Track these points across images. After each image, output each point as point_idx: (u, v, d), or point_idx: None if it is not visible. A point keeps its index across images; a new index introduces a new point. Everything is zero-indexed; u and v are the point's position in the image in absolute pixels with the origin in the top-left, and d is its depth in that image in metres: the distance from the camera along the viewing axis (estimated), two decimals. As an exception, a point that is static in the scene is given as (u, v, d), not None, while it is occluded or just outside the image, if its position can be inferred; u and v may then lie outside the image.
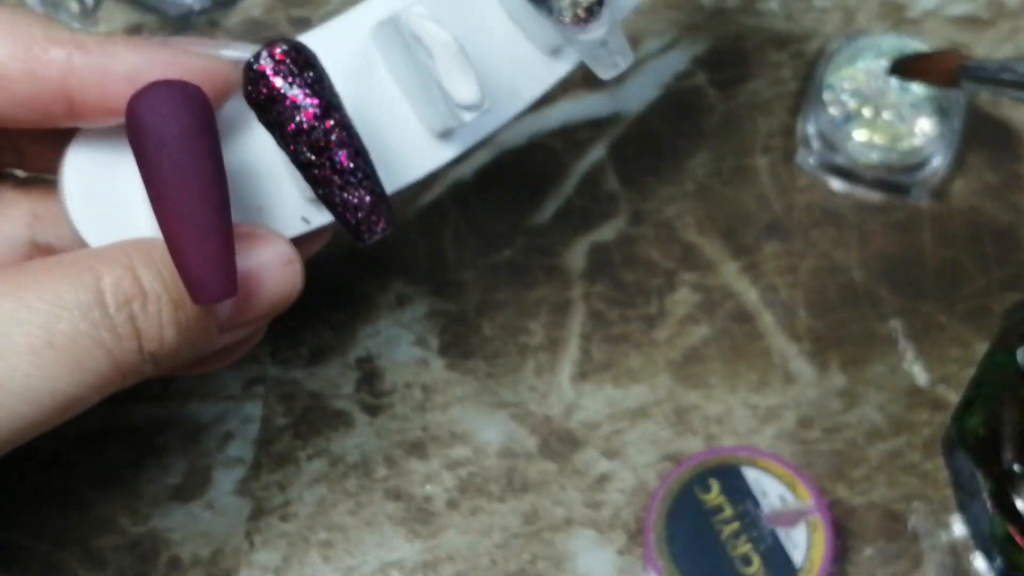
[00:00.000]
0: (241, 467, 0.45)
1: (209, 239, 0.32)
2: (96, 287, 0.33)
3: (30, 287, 0.32)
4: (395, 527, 0.45)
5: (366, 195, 0.34)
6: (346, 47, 0.38)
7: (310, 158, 0.34)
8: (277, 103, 0.34)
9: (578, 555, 0.44)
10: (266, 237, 0.36)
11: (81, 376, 0.32)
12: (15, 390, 0.31)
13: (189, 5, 0.51)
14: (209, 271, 0.32)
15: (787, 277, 0.48)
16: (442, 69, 0.35)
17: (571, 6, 0.35)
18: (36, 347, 0.32)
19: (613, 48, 0.37)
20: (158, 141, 0.32)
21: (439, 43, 0.35)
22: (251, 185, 0.36)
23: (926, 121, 0.49)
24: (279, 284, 0.36)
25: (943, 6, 0.52)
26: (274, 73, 0.33)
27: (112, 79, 0.33)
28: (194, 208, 0.32)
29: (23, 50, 0.33)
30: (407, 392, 0.47)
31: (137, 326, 0.33)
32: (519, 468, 0.46)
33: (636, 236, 0.49)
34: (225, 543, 0.45)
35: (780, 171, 0.50)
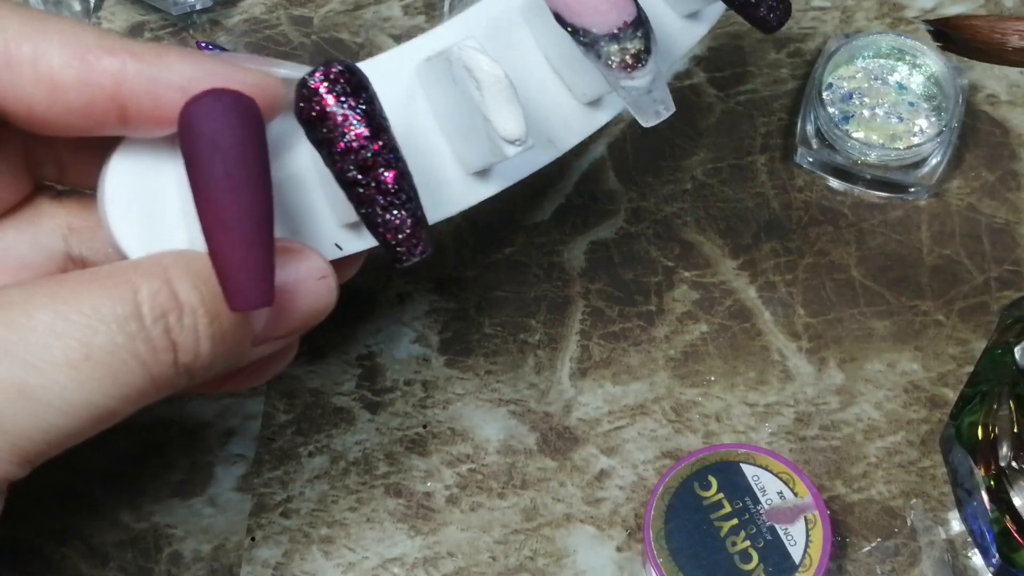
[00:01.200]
0: (243, 463, 0.46)
1: (253, 247, 0.32)
2: (133, 300, 0.33)
3: (68, 299, 0.32)
4: (396, 523, 0.45)
5: (408, 217, 0.35)
6: (390, 82, 0.38)
7: (357, 177, 0.34)
8: (328, 121, 0.34)
9: (577, 551, 0.44)
10: (302, 252, 0.36)
11: (117, 389, 0.32)
12: (52, 403, 0.32)
13: (191, 4, 0.52)
14: (249, 278, 0.32)
15: (785, 275, 0.48)
16: (490, 102, 0.36)
17: (619, 52, 0.35)
18: (74, 360, 0.32)
19: (656, 96, 0.37)
20: (212, 146, 0.32)
21: (490, 76, 0.35)
22: (287, 208, 0.37)
23: (924, 120, 0.49)
24: (313, 298, 0.36)
25: (941, 5, 0.52)
26: (328, 91, 0.34)
27: (165, 88, 0.34)
28: (242, 215, 0.32)
29: (78, 58, 0.33)
30: (408, 389, 0.47)
31: (173, 338, 0.33)
32: (519, 465, 0.46)
33: (635, 234, 0.49)
34: (227, 539, 0.45)
35: (779, 170, 0.50)
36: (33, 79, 0.33)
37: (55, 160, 0.38)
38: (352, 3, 0.53)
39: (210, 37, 0.52)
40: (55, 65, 0.33)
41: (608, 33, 0.35)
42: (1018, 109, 0.51)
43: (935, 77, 0.49)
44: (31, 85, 0.33)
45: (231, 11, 0.53)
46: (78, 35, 0.34)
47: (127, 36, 0.35)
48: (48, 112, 0.34)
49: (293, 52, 0.52)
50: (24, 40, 0.33)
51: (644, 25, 0.36)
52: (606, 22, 0.35)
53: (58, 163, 0.38)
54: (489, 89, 0.36)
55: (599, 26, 0.35)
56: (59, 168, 0.39)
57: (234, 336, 0.34)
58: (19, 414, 0.31)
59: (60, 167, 0.39)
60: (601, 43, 0.35)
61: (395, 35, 0.52)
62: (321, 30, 0.52)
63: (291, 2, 0.53)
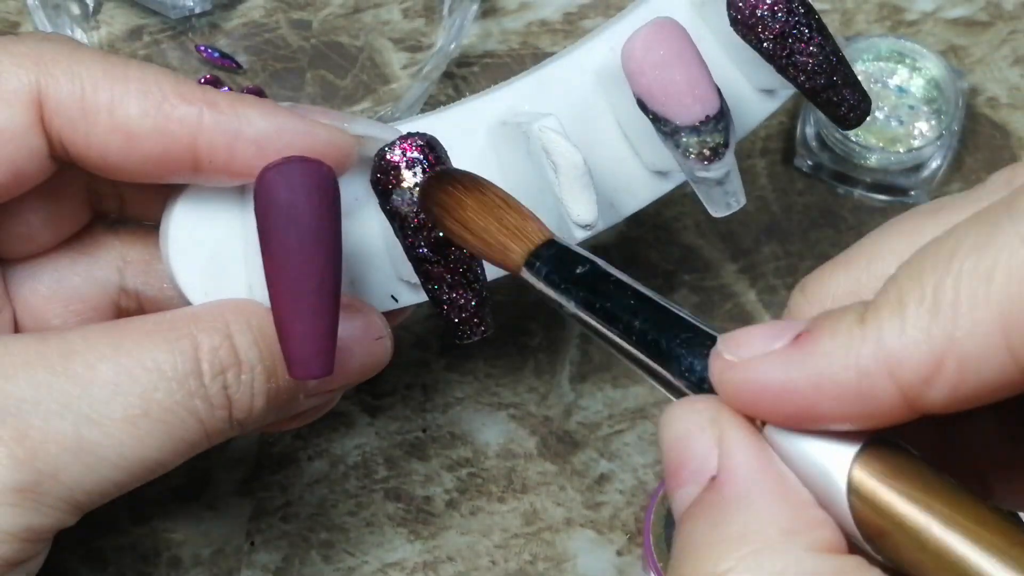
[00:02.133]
0: (242, 467, 0.46)
1: (319, 320, 0.32)
2: (194, 356, 0.33)
3: (131, 352, 0.33)
4: (395, 527, 0.45)
5: (473, 298, 0.35)
6: (462, 137, 0.38)
7: (427, 254, 0.35)
8: (401, 194, 0.34)
9: (578, 555, 0.44)
10: (363, 311, 0.36)
11: (172, 444, 0.33)
12: (108, 458, 0.32)
13: (190, 8, 0.52)
14: (311, 351, 0.32)
15: (786, 278, 0.48)
16: (566, 186, 0.36)
17: (698, 144, 0.35)
18: (132, 416, 0.32)
19: (728, 189, 0.37)
20: (288, 219, 0.32)
21: (569, 163, 0.35)
22: (348, 257, 0.36)
23: (924, 123, 0.49)
24: (369, 357, 0.36)
25: (941, 8, 0.52)
26: (407, 166, 0.34)
27: (242, 143, 0.33)
28: (310, 289, 0.32)
29: (154, 107, 0.33)
30: (407, 393, 0.47)
31: (230, 395, 0.34)
32: (519, 469, 0.46)
33: (635, 238, 0.49)
34: (226, 543, 0.45)
35: (779, 173, 0.50)
36: (109, 128, 0.33)
37: (116, 196, 0.38)
38: (351, 6, 0.53)
39: (209, 41, 0.52)
40: (132, 114, 0.33)
41: (690, 125, 0.35)
42: (1018, 112, 0.51)
43: (935, 80, 0.49)
44: (107, 134, 0.33)
45: (230, 14, 0.53)
46: (157, 83, 0.33)
47: (203, 87, 0.34)
48: (123, 161, 0.34)
49: (292, 56, 0.52)
50: (101, 88, 0.33)
51: (725, 118, 0.35)
52: (690, 114, 0.35)
53: (120, 198, 0.38)
54: (567, 175, 0.35)
55: (682, 118, 0.35)
56: (120, 202, 0.38)
57: (288, 393, 0.35)
58: (77, 468, 0.32)
59: (121, 201, 0.38)
60: (682, 134, 0.35)
61: (394, 38, 0.52)
62: (320, 33, 0.52)
63: (290, 5, 0.53)
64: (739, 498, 0.24)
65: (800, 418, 0.24)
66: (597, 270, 0.30)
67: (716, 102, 0.35)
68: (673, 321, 0.27)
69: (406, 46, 0.52)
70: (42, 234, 0.37)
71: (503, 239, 0.31)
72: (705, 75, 0.35)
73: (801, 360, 0.24)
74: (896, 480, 0.24)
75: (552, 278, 0.30)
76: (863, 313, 0.24)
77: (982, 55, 0.51)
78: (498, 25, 0.53)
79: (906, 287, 0.23)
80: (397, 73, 0.52)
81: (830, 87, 0.37)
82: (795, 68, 0.37)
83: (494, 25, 0.52)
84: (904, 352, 0.23)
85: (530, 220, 0.31)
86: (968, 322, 0.22)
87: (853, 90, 0.37)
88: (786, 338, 0.25)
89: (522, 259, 0.30)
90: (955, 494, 0.24)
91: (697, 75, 0.35)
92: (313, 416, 0.39)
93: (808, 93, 0.37)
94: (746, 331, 0.25)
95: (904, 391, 0.23)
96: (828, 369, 0.24)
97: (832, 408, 0.24)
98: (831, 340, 0.24)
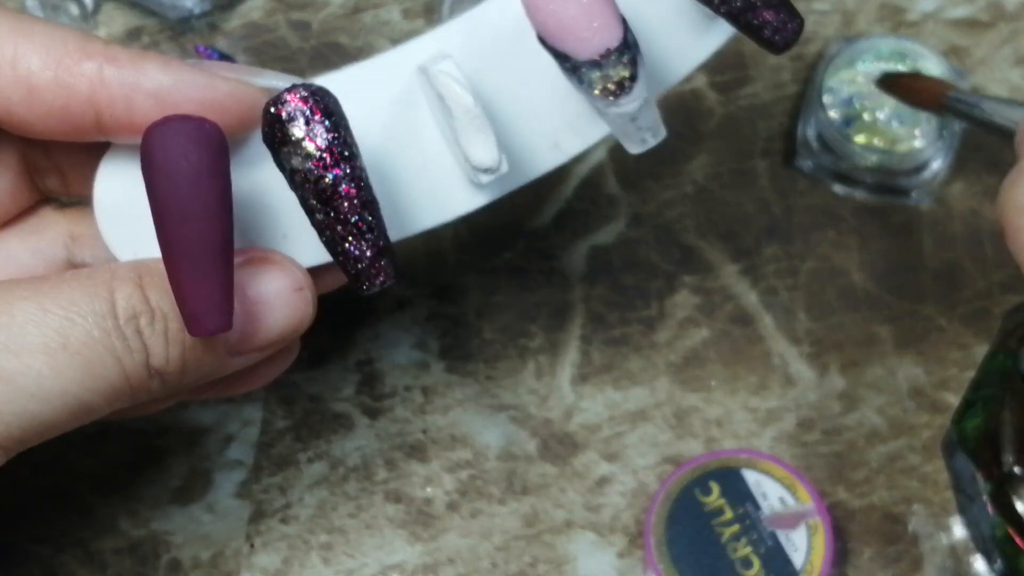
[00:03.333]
0: (241, 470, 0.46)
1: (206, 278, 0.32)
2: (109, 298, 0.33)
3: (48, 293, 0.33)
4: (395, 530, 0.45)
5: (367, 249, 0.34)
6: (391, 83, 0.37)
7: (314, 205, 0.34)
8: (288, 147, 0.34)
9: (578, 558, 0.44)
10: (280, 263, 0.36)
11: (92, 381, 0.33)
12: (27, 387, 0.32)
13: (189, 8, 0.52)
14: (203, 307, 0.32)
15: (787, 280, 0.48)
16: (461, 131, 0.35)
17: (601, 79, 0.34)
18: (51, 348, 0.32)
19: (643, 124, 0.35)
20: (166, 179, 0.32)
21: (459, 105, 0.35)
22: (279, 210, 0.36)
23: (925, 124, 0.49)
24: (288, 312, 0.36)
25: (942, 9, 0.52)
26: (288, 119, 0.33)
27: (140, 95, 0.34)
28: (194, 248, 0.32)
29: (55, 61, 0.34)
30: (407, 395, 0.47)
31: (144, 341, 0.34)
32: (519, 471, 0.46)
33: (636, 239, 0.49)
34: (225, 546, 0.45)
35: (779, 174, 0.50)
36: (12, 80, 0.34)
37: (56, 170, 0.38)
38: (351, 7, 0.53)
39: (208, 42, 0.52)
40: (33, 67, 0.34)
41: (590, 60, 0.33)
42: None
43: (936, 81, 0.49)
44: (9, 86, 0.34)
45: (229, 15, 0.53)
46: (61, 39, 0.34)
47: (114, 42, 0.35)
48: (27, 114, 0.34)
49: (292, 56, 0.52)
50: (5, 41, 0.34)
51: (631, 50, 0.34)
52: (588, 47, 0.33)
53: (60, 173, 0.39)
54: (459, 117, 0.35)
55: (580, 52, 0.33)
56: (61, 178, 0.39)
57: (205, 346, 0.35)
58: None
59: (62, 177, 0.39)
60: (583, 69, 0.34)
61: (394, 39, 0.52)
62: (320, 34, 0.52)
63: (290, 6, 0.53)
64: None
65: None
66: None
67: (618, 32, 0.33)
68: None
69: (406, 47, 0.52)
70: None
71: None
72: (605, 4, 0.33)
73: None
74: None
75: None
76: None
77: (983, 55, 0.51)
78: (498, 26, 0.52)
79: None
80: (397, 74, 0.52)
81: (748, 9, 0.34)
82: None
83: (494, 26, 0.52)
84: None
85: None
86: None
87: (777, 11, 0.35)
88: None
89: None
90: None
91: (594, 5, 0.33)
92: (264, 377, 0.39)
93: (728, 19, 0.35)
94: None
95: None
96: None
97: None
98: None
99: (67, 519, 0.45)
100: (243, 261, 0.35)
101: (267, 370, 0.39)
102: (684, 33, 0.38)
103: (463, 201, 0.38)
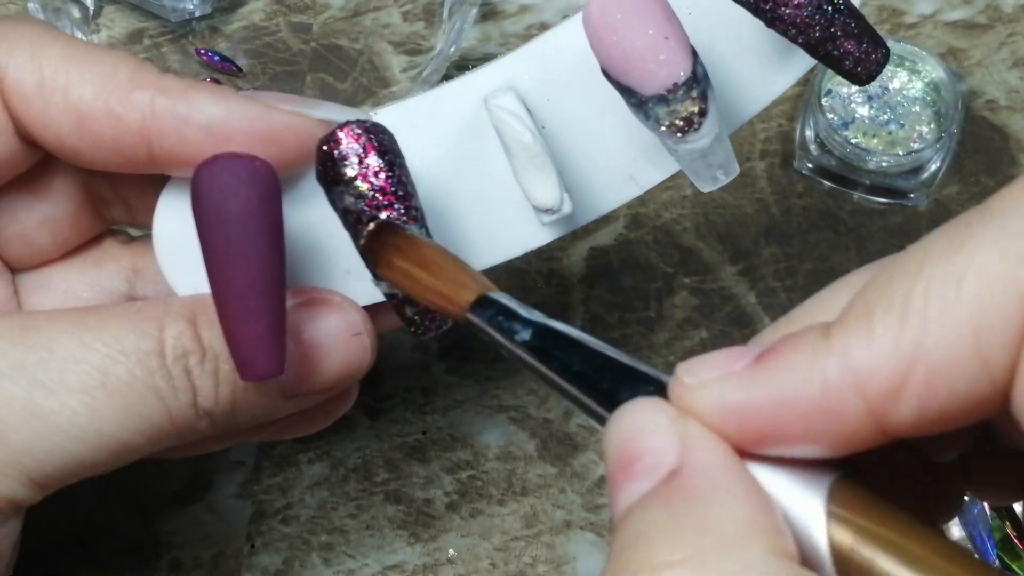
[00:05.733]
0: (242, 470, 0.46)
1: (257, 321, 0.31)
2: (158, 336, 0.32)
3: (93, 328, 0.32)
4: (395, 530, 0.45)
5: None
6: (457, 114, 0.35)
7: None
8: (340, 186, 0.32)
9: (578, 558, 0.44)
10: (338, 306, 0.35)
11: (131, 421, 0.32)
12: (61, 426, 0.31)
13: (190, 11, 0.52)
14: (254, 352, 0.31)
15: (785, 281, 0.48)
16: (520, 169, 0.33)
17: (668, 115, 0.31)
18: (89, 387, 0.32)
19: (713, 161, 0.33)
20: (214, 219, 0.31)
21: (518, 143, 0.33)
22: (342, 245, 0.34)
23: (923, 126, 0.49)
24: (344, 356, 0.35)
25: (940, 11, 0.52)
26: (340, 157, 0.32)
27: (191, 128, 0.33)
28: (243, 291, 0.31)
29: (107, 91, 0.33)
30: (407, 396, 0.47)
31: (192, 380, 0.33)
32: (519, 471, 0.46)
33: (635, 240, 0.49)
34: (226, 546, 0.45)
35: (778, 175, 0.50)
36: (63, 109, 0.33)
37: (121, 201, 0.37)
38: (351, 10, 0.53)
39: (209, 44, 0.52)
40: (85, 96, 0.33)
41: (656, 94, 0.31)
42: (1017, 115, 0.51)
43: (934, 83, 0.49)
44: (61, 115, 0.33)
45: (230, 18, 0.53)
46: (113, 67, 0.33)
47: (163, 71, 0.34)
48: (78, 144, 0.33)
49: (292, 59, 0.52)
50: (60, 70, 0.33)
51: (701, 84, 0.31)
52: (654, 82, 0.31)
53: (125, 204, 0.38)
54: (518, 156, 0.33)
55: (646, 86, 0.31)
56: (127, 209, 0.38)
57: (256, 388, 0.34)
58: (26, 432, 0.31)
59: (128, 208, 0.38)
60: (649, 104, 0.31)
61: (394, 41, 0.52)
62: (320, 37, 0.52)
63: (290, 9, 0.53)
64: (702, 491, 0.23)
65: (764, 440, 0.23)
66: (539, 325, 0.28)
67: (686, 65, 0.31)
68: (625, 365, 0.26)
69: (406, 49, 0.52)
70: (40, 236, 0.37)
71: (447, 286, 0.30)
72: (673, 35, 0.31)
73: (764, 378, 0.23)
74: (869, 517, 0.23)
75: (497, 322, 0.28)
76: (827, 328, 0.23)
77: (981, 58, 0.51)
78: (498, 28, 0.53)
79: (873, 298, 0.22)
80: (397, 76, 0.52)
81: (828, 40, 0.32)
82: (783, 22, 0.32)
83: (494, 28, 0.53)
84: (871, 363, 0.22)
85: (469, 274, 0.30)
86: (937, 327, 0.21)
87: (858, 41, 0.33)
88: (747, 359, 0.24)
89: (468, 303, 0.29)
90: (924, 533, 0.23)
91: (660, 36, 0.31)
92: (324, 419, 0.38)
93: (807, 49, 0.33)
94: (706, 356, 0.24)
95: (872, 407, 0.22)
96: (792, 385, 0.23)
97: (797, 428, 0.23)
98: (794, 356, 0.23)
99: (68, 519, 0.45)
100: (300, 302, 0.34)
101: (324, 415, 0.38)
102: (761, 64, 0.36)
103: (531, 237, 0.36)
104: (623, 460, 0.24)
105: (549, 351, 0.27)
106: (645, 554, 0.22)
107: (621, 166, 0.36)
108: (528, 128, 0.33)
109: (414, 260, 0.31)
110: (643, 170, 0.36)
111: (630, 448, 0.24)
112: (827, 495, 0.23)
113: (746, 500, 0.23)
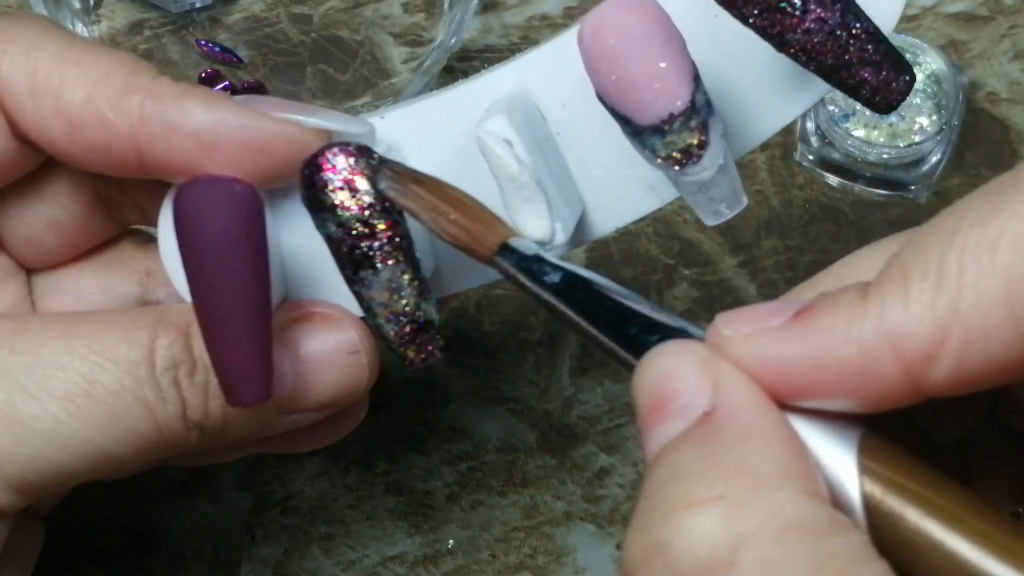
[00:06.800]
0: (243, 462, 0.46)
1: (240, 348, 0.30)
2: (148, 346, 0.32)
3: (83, 335, 0.32)
4: (396, 521, 0.45)
5: (407, 324, 0.32)
6: (463, 121, 0.34)
7: (350, 276, 0.31)
8: (324, 213, 0.31)
9: (578, 549, 0.45)
10: (337, 322, 0.34)
11: (116, 431, 0.31)
12: (43, 432, 0.31)
13: (191, 2, 0.52)
14: (238, 379, 0.31)
15: (786, 273, 0.48)
16: (508, 200, 0.32)
17: (664, 146, 0.29)
18: (73, 394, 0.31)
19: (716, 195, 0.31)
20: (194, 245, 0.30)
21: (506, 175, 0.31)
22: (325, 262, 0.33)
23: (924, 118, 0.49)
24: (343, 373, 0.34)
25: (941, 3, 0.52)
26: (322, 184, 0.31)
27: (179, 136, 0.32)
28: (225, 316, 0.30)
29: (99, 95, 0.32)
30: (408, 387, 0.47)
31: (182, 393, 0.32)
32: (519, 462, 0.46)
33: (635, 232, 0.49)
34: (227, 537, 0.45)
35: (779, 167, 0.50)
36: (55, 112, 0.32)
37: (132, 203, 0.37)
38: (352, 1, 0.53)
39: (210, 35, 0.52)
40: (76, 100, 0.32)
41: (652, 125, 0.29)
42: (1018, 107, 0.51)
43: (935, 75, 0.49)
44: (51, 118, 0.32)
45: (231, 9, 0.53)
46: (107, 70, 0.32)
47: (159, 73, 0.33)
48: (70, 148, 0.33)
49: (293, 50, 0.52)
50: (54, 71, 0.32)
51: (700, 114, 0.29)
52: (649, 112, 0.29)
53: (136, 207, 0.37)
54: (506, 187, 0.31)
55: (641, 116, 0.29)
56: (139, 212, 0.37)
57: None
58: (6, 437, 0.31)
59: (140, 210, 0.37)
60: (645, 135, 0.29)
61: (395, 33, 0.52)
62: (321, 28, 0.52)
63: (291, 0, 0.53)
64: (737, 433, 0.23)
65: (800, 392, 0.24)
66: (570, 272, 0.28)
67: (684, 94, 0.29)
68: (652, 312, 0.27)
69: (406, 40, 0.52)
70: (47, 239, 0.36)
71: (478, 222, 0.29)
72: (672, 61, 0.29)
73: (802, 335, 0.24)
74: (897, 470, 0.24)
75: (525, 264, 0.28)
76: (865, 290, 0.23)
77: (982, 50, 0.51)
78: (499, 19, 0.53)
79: (910, 262, 0.23)
80: (397, 67, 0.52)
81: (841, 68, 0.30)
82: (793, 48, 0.30)
83: (495, 19, 0.52)
84: (907, 325, 0.23)
85: (495, 217, 0.29)
86: (972, 293, 0.22)
87: (876, 69, 0.30)
88: (786, 315, 0.24)
89: (496, 245, 0.29)
90: (952, 487, 0.23)
91: (657, 63, 0.28)
92: (331, 435, 0.37)
93: (820, 76, 0.30)
94: (743, 309, 0.25)
95: (907, 367, 0.23)
96: (829, 344, 0.23)
97: (833, 384, 0.23)
98: (832, 315, 0.23)
99: (69, 512, 0.45)
100: (296, 316, 0.33)
101: (330, 431, 0.37)
102: (773, 90, 0.33)
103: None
104: (656, 401, 0.25)
105: (577, 296, 0.27)
106: (680, 492, 0.23)
107: (640, 176, 0.34)
108: (515, 157, 0.31)
109: (440, 196, 0.30)
110: (663, 181, 0.34)
111: (663, 390, 0.25)
112: (858, 447, 0.24)
113: (780, 443, 0.23)
